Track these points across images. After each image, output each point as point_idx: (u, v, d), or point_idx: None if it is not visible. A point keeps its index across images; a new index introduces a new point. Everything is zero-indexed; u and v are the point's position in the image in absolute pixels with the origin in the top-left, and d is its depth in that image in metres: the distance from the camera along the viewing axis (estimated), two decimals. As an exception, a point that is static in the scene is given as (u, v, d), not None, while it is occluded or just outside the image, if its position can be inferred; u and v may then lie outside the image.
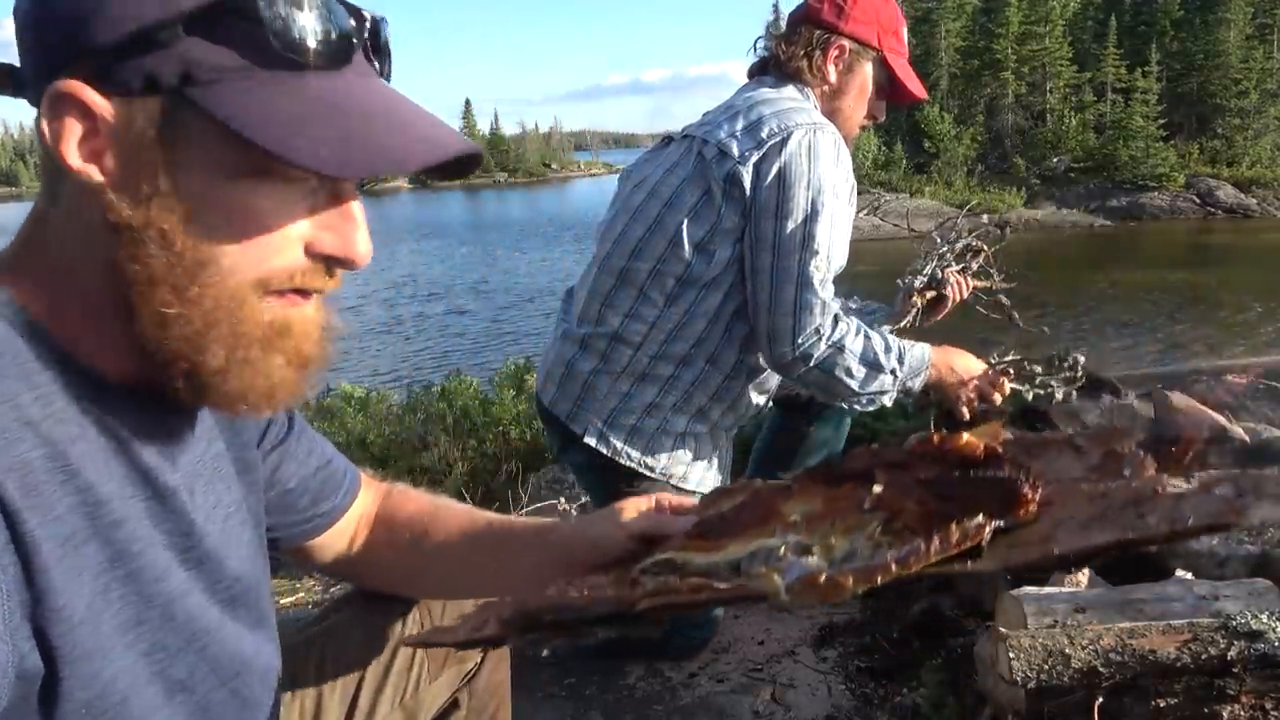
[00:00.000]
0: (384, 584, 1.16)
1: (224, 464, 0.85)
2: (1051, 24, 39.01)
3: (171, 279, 0.65)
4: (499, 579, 1.13)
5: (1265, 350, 11.31)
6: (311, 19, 0.64)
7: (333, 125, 0.64)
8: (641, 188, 1.98)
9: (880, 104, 2.08)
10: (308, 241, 0.69)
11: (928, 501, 0.86)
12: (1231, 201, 33.17)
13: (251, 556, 0.88)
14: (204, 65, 0.62)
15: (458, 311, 19.12)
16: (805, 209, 1.78)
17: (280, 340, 0.70)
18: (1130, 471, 0.90)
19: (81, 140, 0.63)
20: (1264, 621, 1.31)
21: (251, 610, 0.86)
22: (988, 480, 0.87)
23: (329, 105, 0.65)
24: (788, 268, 1.78)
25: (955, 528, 0.78)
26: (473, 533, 1.11)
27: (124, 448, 0.70)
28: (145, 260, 0.64)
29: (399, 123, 0.68)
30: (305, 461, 1.03)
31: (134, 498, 0.70)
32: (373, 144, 0.65)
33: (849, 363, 1.83)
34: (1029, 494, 0.83)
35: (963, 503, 0.83)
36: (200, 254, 0.65)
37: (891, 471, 0.95)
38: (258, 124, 0.62)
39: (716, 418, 2.00)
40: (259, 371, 0.70)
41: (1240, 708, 1.20)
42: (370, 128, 0.66)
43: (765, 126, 1.83)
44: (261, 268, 0.67)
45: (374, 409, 5.31)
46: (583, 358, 1.97)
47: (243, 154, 0.63)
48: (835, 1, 1.98)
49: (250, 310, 0.68)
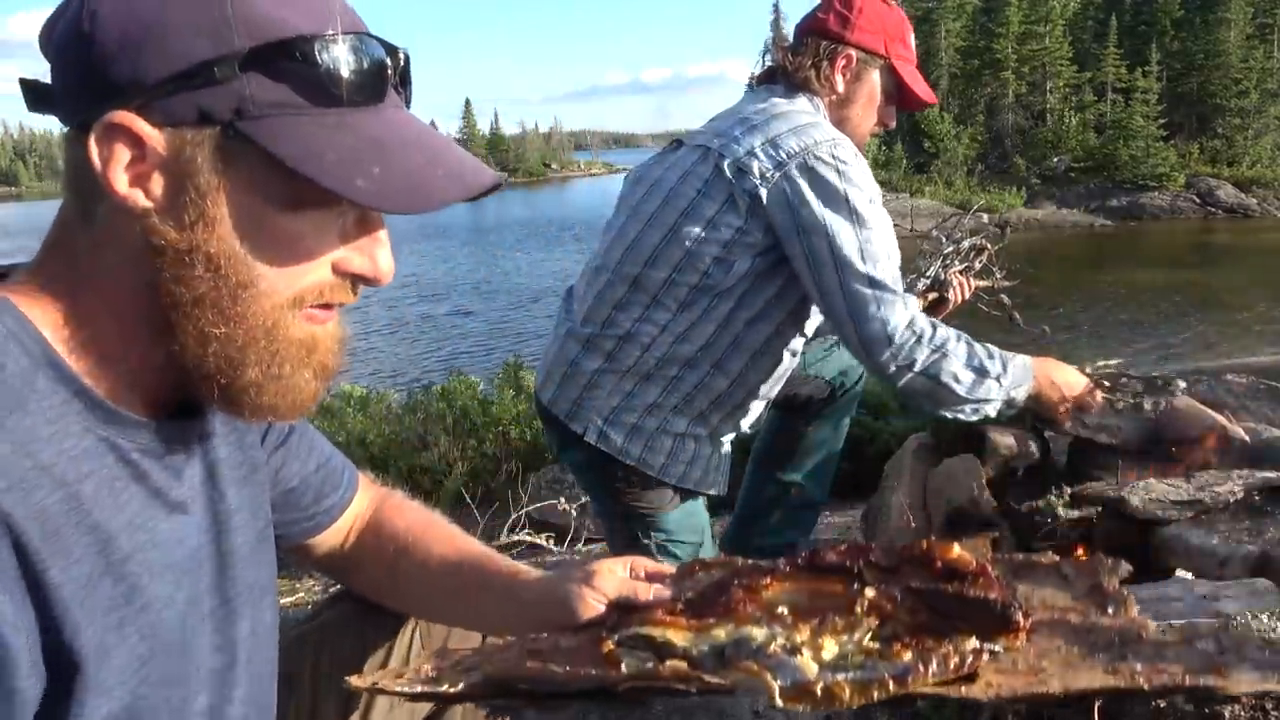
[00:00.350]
0: (365, 591, 1.17)
1: (228, 469, 0.86)
2: (1052, 24, 39.03)
3: (215, 300, 0.69)
4: (466, 616, 1.13)
5: (1266, 350, 11.30)
6: (354, 59, 0.69)
7: (377, 160, 0.69)
8: (654, 194, 1.96)
9: (890, 110, 2.08)
10: (335, 261, 0.73)
11: (920, 612, 0.89)
12: (1231, 201, 33.18)
13: (259, 558, 0.89)
14: (256, 101, 0.66)
15: (460, 312, 19.12)
16: (851, 219, 1.79)
17: (309, 356, 0.75)
18: (1114, 610, 0.93)
19: (128, 166, 0.66)
20: (1264, 621, 1.30)
21: (256, 612, 0.87)
22: (981, 602, 0.90)
23: (371, 140, 0.69)
24: (856, 278, 1.79)
25: (953, 653, 0.81)
26: (451, 564, 1.10)
27: (135, 472, 0.72)
28: (190, 282, 0.68)
29: (433, 157, 0.72)
30: (306, 460, 1.04)
31: (143, 527, 0.73)
32: (413, 179, 0.70)
33: (954, 367, 1.82)
34: (1022, 622, 0.86)
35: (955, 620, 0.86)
36: (242, 276, 0.69)
37: (880, 573, 0.97)
38: (306, 158, 0.66)
39: (716, 423, 2.01)
40: (290, 386, 0.74)
41: (1240, 708, 1.20)
42: (409, 163, 0.70)
43: (785, 145, 1.83)
44: (295, 288, 0.72)
45: (374, 409, 5.31)
46: (587, 357, 1.96)
47: (287, 184, 0.67)
48: (841, 12, 1.97)
49: (284, 329, 0.72)
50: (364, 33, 0.71)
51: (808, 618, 0.89)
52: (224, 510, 0.84)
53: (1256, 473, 1.99)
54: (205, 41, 0.65)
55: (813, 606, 0.92)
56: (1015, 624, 0.86)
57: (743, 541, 2.49)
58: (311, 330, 0.74)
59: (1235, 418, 2.29)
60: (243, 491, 0.87)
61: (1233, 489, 1.91)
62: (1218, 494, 1.90)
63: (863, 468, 3.39)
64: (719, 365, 1.94)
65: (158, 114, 0.65)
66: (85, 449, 0.68)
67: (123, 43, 0.65)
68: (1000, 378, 1.85)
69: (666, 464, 1.96)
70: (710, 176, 1.88)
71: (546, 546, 3.44)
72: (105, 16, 0.65)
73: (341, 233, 0.73)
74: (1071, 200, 34.48)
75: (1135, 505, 1.90)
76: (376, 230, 0.75)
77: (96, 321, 0.70)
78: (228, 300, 0.69)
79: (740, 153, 1.86)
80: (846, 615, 0.89)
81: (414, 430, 4.93)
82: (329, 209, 0.71)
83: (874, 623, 0.89)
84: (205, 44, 0.65)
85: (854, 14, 1.97)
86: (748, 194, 1.83)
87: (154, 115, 0.65)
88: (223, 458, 0.85)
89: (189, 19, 0.65)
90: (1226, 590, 1.48)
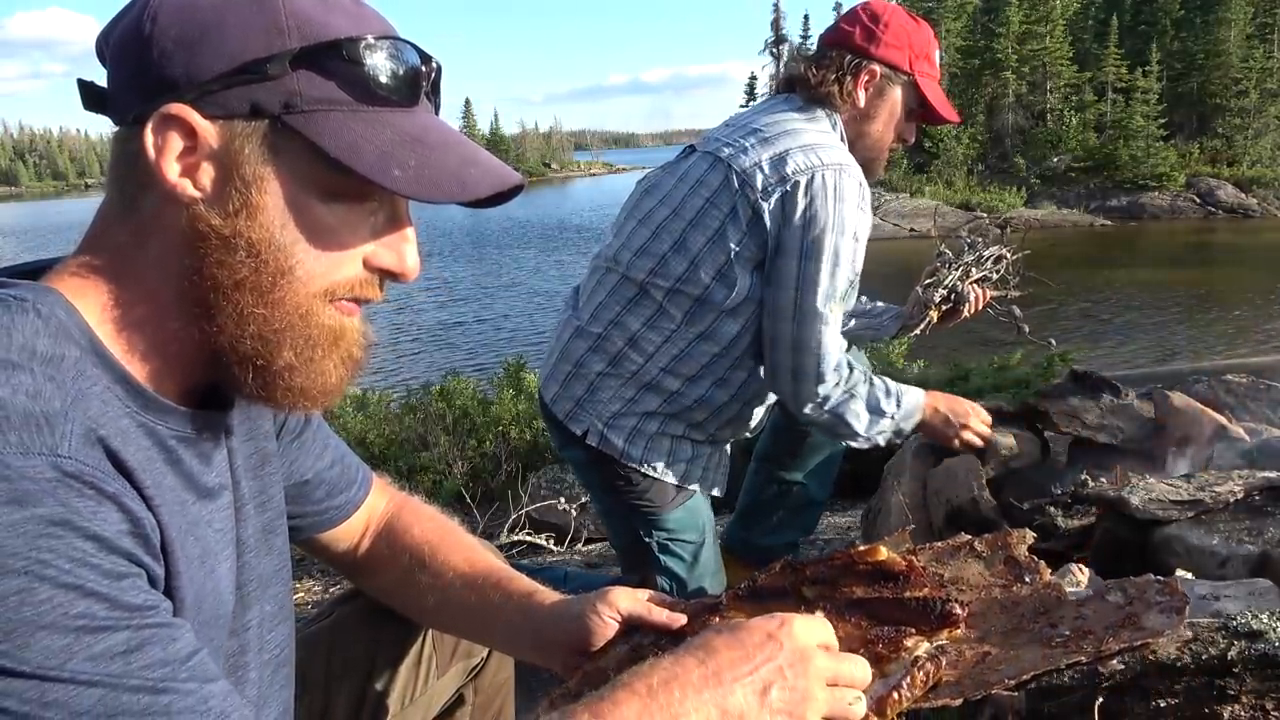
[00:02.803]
0: (377, 595, 1.17)
1: (242, 459, 0.88)
2: (1052, 23, 39.03)
3: (255, 284, 0.73)
4: (480, 632, 1.14)
5: (1266, 350, 11.31)
6: (395, 62, 0.74)
7: (412, 154, 0.73)
8: (666, 202, 1.96)
9: (910, 126, 2.07)
10: (366, 256, 0.78)
11: (863, 624, 0.94)
12: (1232, 201, 33.16)
13: (267, 548, 0.91)
14: (305, 97, 0.71)
15: (459, 312, 19.11)
16: (830, 252, 1.81)
17: (337, 344, 0.78)
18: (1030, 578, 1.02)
19: (180, 156, 0.71)
20: (1264, 621, 1.30)
21: (262, 603, 0.89)
22: (919, 602, 0.96)
23: (408, 136, 0.74)
24: (811, 309, 1.83)
25: (919, 669, 0.86)
26: (466, 578, 1.11)
27: (171, 457, 0.75)
28: (233, 266, 0.72)
29: (467, 156, 0.77)
30: (321, 455, 1.06)
31: (180, 511, 0.75)
32: (448, 173, 0.74)
33: (858, 409, 1.93)
34: (959, 612, 0.93)
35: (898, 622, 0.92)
36: (281, 263, 0.73)
37: (819, 588, 1.02)
38: (347, 149, 0.71)
39: (714, 431, 2.02)
40: (319, 371, 0.78)
41: (1240, 708, 1.20)
42: (445, 159, 0.75)
43: (790, 161, 1.82)
44: (330, 278, 0.76)
45: (373, 409, 5.32)
46: (593, 358, 1.97)
47: (327, 176, 0.72)
48: (867, 26, 1.96)
49: (317, 316, 0.76)
50: (402, 39, 0.76)
51: None
52: (240, 498, 0.86)
53: (1256, 473, 1.99)
54: (260, 40, 0.70)
55: None
56: (955, 618, 0.93)
57: (744, 540, 2.49)
58: (340, 320, 0.78)
59: (1235, 418, 2.29)
60: (253, 483, 0.90)
61: (1233, 489, 1.92)
62: (1218, 494, 1.90)
63: (863, 468, 3.39)
64: (721, 382, 1.95)
65: (211, 107, 0.70)
66: (133, 430, 0.71)
67: (180, 41, 0.70)
68: (894, 415, 1.97)
69: (667, 465, 1.96)
70: (719, 186, 1.88)
71: (546, 546, 3.44)
72: (166, 17, 0.71)
73: (373, 228, 0.77)
74: (1071, 200, 34.48)
75: (1135, 505, 1.90)
76: (405, 228, 0.79)
77: (136, 310, 0.73)
78: (267, 284, 0.73)
79: (747, 164, 1.85)
80: None
81: (414, 430, 4.93)
82: (364, 204, 0.75)
83: None
84: (260, 43, 0.70)
85: (880, 29, 1.95)
86: (750, 207, 1.83)
87: (207, 108, 0.70)
88: (236, 448, 0.87)
89: (246, 20, 0.70)
90: (1226, 590, 1.48)
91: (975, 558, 1.07)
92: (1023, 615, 0.94)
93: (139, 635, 0.61)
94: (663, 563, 2.00)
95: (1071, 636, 0.88)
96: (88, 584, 0.59)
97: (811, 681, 0.79)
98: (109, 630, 0.60)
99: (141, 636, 0.61)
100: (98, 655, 0.59)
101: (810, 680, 0.79)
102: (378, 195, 0.75)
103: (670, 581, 2.00)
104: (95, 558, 0.60)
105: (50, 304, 0.70)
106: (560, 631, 1.04)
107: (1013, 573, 1.03)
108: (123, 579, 0.62)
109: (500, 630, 1.09)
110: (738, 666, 0.77)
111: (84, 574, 0.59)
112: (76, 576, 0.59)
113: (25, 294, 0.69)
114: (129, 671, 0.60)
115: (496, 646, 1.19)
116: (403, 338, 16.16)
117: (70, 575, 0.58)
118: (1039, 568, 1.03)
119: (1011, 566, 1.04)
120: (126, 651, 0.60)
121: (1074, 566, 1.83)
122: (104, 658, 0.59)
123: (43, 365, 0.65)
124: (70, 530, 0.59)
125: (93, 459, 0.63)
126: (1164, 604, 0.90)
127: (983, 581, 1.03)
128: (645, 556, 2.01)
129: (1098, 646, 0.87)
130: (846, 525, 3.29)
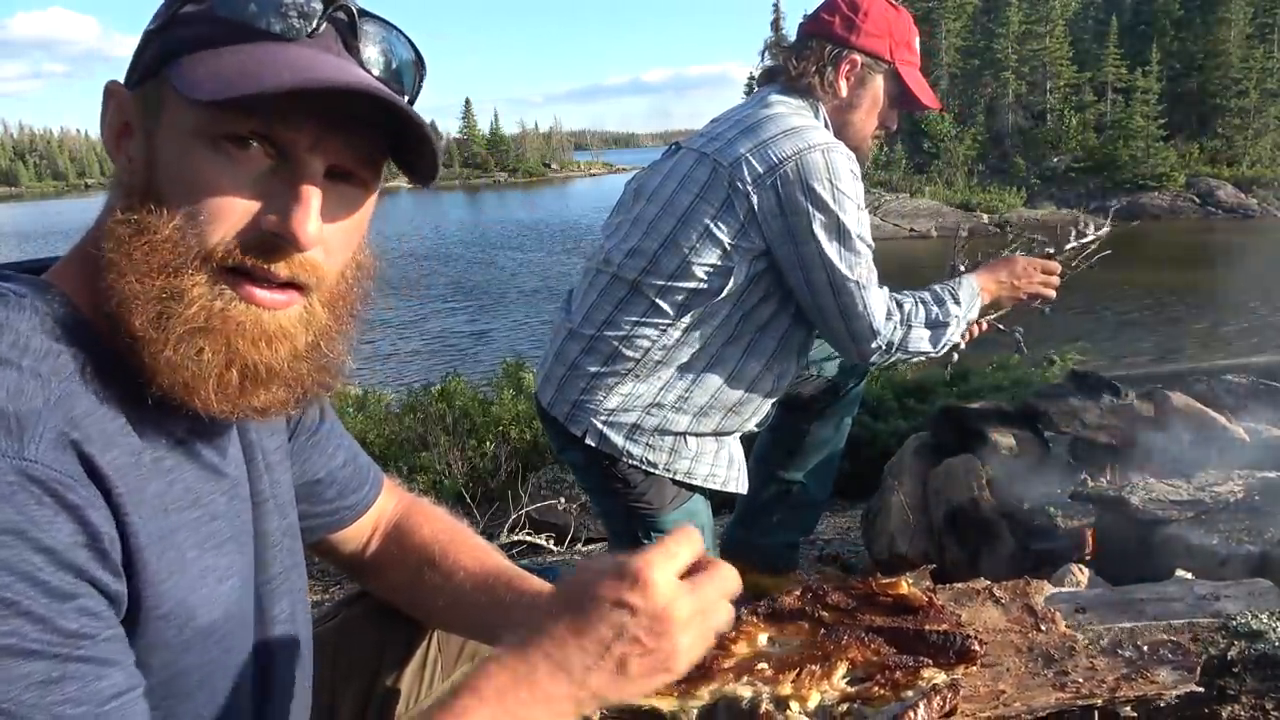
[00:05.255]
0: (385, 596, 1.17)
1: (262, 454, 0.88)
2: (1052, 24, 39.04)
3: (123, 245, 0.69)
4: (489, 631, 1.12)
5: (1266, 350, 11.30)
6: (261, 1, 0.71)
7: (240, 70, 0.68)
8: (654, 200, 1.96)
9: (893, 114, 2.08)
10: (248, 212, 0.70)
11: (886, 653, 0.97)
12: (1231, 201, 33.15)
13: (289, 545, 0.91)
14: (181, 41, 0.71)
15: (459, 313, 19.10)
16: (839, 225, 1.84)
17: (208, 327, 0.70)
18: (1046, 627, 1.05)
19: (110, 126, 0.74)
20: (1264, 621, 1.30)
21: (290, 597, 0.89)
22: (940, 635, 0.98)
23: (257, 60, 0.69)
24: (843, 280, 1.87)
25: (935, 694, 0.87)
26: (477, 578, 1.10)
27: (187, 450, 0.75)
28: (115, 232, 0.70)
29: (302, 66, 0.69)
30: (334, 455, 1.06)
31: (198, 502, 0.75)
32: (254, 75, 0.67)
33: (920, 334, 1.99)
34: (978, 649, 0.96)
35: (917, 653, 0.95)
36: (146, 220, 0.69)
37: (837, 613, 1.05)
38: (194, 83, 0.68)
39: (718, 420, 2.01)
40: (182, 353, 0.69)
41: (1240, 708, 1.20)
42: (270, 69, 0.68)
43: (776, 150, 1.83)
44: (205, 240, 0.69)
45: (373, 409, 5.32)
46: (587, 359, 1.97)
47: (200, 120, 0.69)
48: (847, 15, 1.96)
49: (188, 286, 0.69)
50: None
51: (786, 669, 0.94)
52: (261, 492, 0.86)
53: (1256, 473, 1.99)
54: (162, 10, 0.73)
55: (788, 657, 0.98)
56: (974, 655, 0.95)
57: (744, 540, 2.49)
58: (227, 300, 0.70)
59: (1235, 418, 2.29)
60: (276, 478, 0.90)
61: (1233, 489, 1.92)
62: (1218, 494, 1.90)
63: (863, 468, 3.39)
64: (716, 363, 1.94)
65: (133, 78, 0.74)
66: (137, 425, 0.70)
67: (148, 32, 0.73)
68: (956, 316, 2.03)
69: (670, 461, 1.96)
70: (706, 181, 1.88)
71: (546, 546, 3.44)
72: None
73: (256, 184, 0.70)
74: (1071, 200, 34.45)
75: (1135, 505, 1.90)
76: (302, 188, 0.70)
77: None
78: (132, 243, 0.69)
79: (734, 156, 1.86)
80: (821, 662, 0.95)
81: (414, 430, 4.92)
82: (243, 156, 0.69)
83: (847, 667, 0.95)
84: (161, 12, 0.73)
85: (860, 17, 1.95)
86: (742, 198, 1.84)
87: (130, 80, 0.74)
88: (255, 441, 0.87)
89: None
90: (1226, 590, 1.48)
91: (994, 602, 1.11)
92: (1036, 660, 0.97)
93: (63, 668, 0.59)
94: (663, 563, 2.00)
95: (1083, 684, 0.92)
96: (24, 601, 0.57)
97: (676, 635, 0.71)
98: (33, 655, 0.58)
99: (65, 670, 0.59)
100: (14, 679, 0.57)
101: (675, 635, 0.71)
102: (265, 146, 0.69)
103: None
104: (43, 573, 0.59)
105: (49, 300, 0.69)
106: None
107: (1029, 620, 1.06)
108: (66, 600, 0.60)
109: (508, 631, 1.08)
110: (586, 652, 0.70)
111: (24, 590, 0.57)
112: (15, 592, 0.57)
113: (24, 289, 0.69)
114: (41, 704, 0.58)
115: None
116: (402, 338, 16.15)
117: (9, 590, 0.57)
118: (1055, 617, 1.06)
119: (1028, 614, 1.08)
120: (45, 682, 0.58)
121: (1074, 567, 1.84)
122: (19, 683, 0.57)
123: (33, 362, 0.64)
124: (22, 541, 0.58)
125: (61, 464, 0.62)
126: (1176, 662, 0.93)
127: (1000, 625, 1.06)
128: (645, 557, 2.01)
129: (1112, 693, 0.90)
130: (846, 525, 3.28)
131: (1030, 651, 0.99)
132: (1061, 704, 0.89)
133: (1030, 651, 0.99)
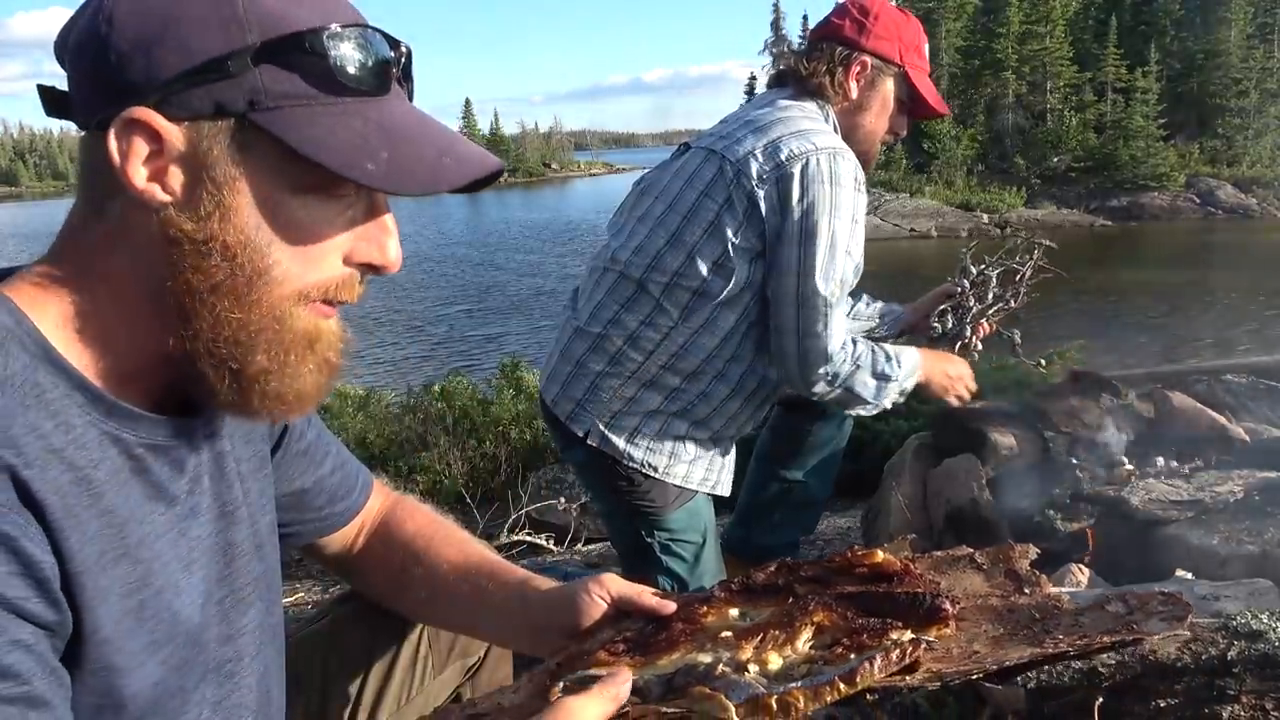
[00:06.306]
0: (371, 594, 1.17)
1: (235, 462, 0.87)
2: (1052, 24, 39.01)
3: (231, 287, 0.70)
4: (473, 624, 1.14)
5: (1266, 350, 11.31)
6: (362, 51, 0.71)
7: (384, 145, 0.71)
8: (662, 198, 1.97)
9: (902, 119, 2.08)
10: (346, 252, 0.75)
11: (853, 616, 0.93)
12: (1232, 201, 33.14)
13: (263, 552, 0.90)
14: (269, 92, 0.68)
15: (459, 313, 19.10)
16: (828, 236, 1.81)
17: (313, 347, 0.76)
18: (1030, 590, 1.00)
19: (146, 161, 0.68)
20: (1264, 621, 1.31)
21: (262, 605, 0.88)
22: (910, 597, 0.95)
23: (378, 126, 0.71)
24: (813, 293, 1.83)
25: (893, 647, 0.84)
26: (460, 569, 1.10)
27: (138, 466, 0.73)
28: (208, 270, 0.70)
29: (442, 145, 0.75)
30: (322, 462, 1.05)
31: (152, 514, 0.74)
32: (423, 164, 0.73)
33: (865, 378, 1.93)
34: (949, 610, 0.92)
35: (887, 617, 0.91)
36: (258, 264, 0.71)
37: (812, 585, 1.01)
38: (316, 144, 0.69)
39: (718, 427, 2.02)
40: (294, 375, 0.75)
41: (1240, 708, 1.20)
42: (418, 149, 0.73)
43: (784, 148, 1.83)
44: (307, 278, 0.74)
45: (373, 409, 5.32)
46: (593, 357, 1.97)
47: (299, 172, 0.70)
48: (857, 18, 1.98)
49: (292, 319, 0.74)
50: (368, 26, 0.73)
51: (749, 637, 0.92)
52: (231, 502, 0.85)
53: (1256, 473, 1.99)
54: (218, 37, 0.67)
55: (752, 626, 0.95)
56: (944, 613, 0.91)
57: (744, 540, 2.49)
58: (316, 322, 0.76)
59: (1235, 418, 2.29)
60: (250, 485, 0.89)
61: (1233, 489, 1.92)
62: (1218, 494, 1.91)
63: (863, 468, 3.39)
64: (721, 376, 1.95)
65: (174, 109, 0.67)
66: (91, 439, 0.70)
67: (139, 42, 0.67)
68: (897, 378, 1.98)
69: (669, 465, 1.96)
70: (713, 178, 1.89)
71: (546, 546, 3.44)
72: (121, 19, 0.68)
73: (350, 222, 0.75)
74: (1071, 200, 34.46)
75: (1135, 505, 1.90)
76: (383, 218, 0.77)
77: (103, 317, 0.71)
78: (243, 287, 0.71)
79: (740, 154, 1.86)
80: (785, 628, 0.92)
81: (414, 430, 4.93)
82: (339, 198, 0.73)
83: (812, 632, 0.92)
84: (218, 39, 0.67)
85: (870, 21, 1.97)
86: (745, 196, 1.84)
87: (170, 110, 0.67)
88: (228, 450, 0.86)
89: (203, 16, 0.67)
90: (1226, 590, 1.48)
91: (975, 569, 1.06)
92: (1017, 621, 0.93)
93: None
94: (664, 563, 2.00)
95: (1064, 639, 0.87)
96: None
97: None
98: None
99: None
100: None
101: None
102: (352, 189, 0.73)
103: (672, 582, 2.00)
104: None
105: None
106: (553, 617, 1.03)
107: (1013, 584, 1.02)
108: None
109: (494, 619, 1.09)
110: None
111: None
112: None
113: None
114: None
115: (491, 637, 1.18)
116: (402, 338, 16.15)
117: None
118: (1040, 580, 1.02)
119: (1012, 579, 1.03)
120: None
121: (1074, 567, 1.84)
122: None
123: None
124: None
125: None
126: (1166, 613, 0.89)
127: (981, 590, 1.02)
128: (647, 557, 2.01)
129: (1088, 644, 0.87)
130: (846, 526, 3.29)
131: (1010, 614, 0.95)
132: (1034, 656, 0.86)
133: (1010, 614, 0.95)
